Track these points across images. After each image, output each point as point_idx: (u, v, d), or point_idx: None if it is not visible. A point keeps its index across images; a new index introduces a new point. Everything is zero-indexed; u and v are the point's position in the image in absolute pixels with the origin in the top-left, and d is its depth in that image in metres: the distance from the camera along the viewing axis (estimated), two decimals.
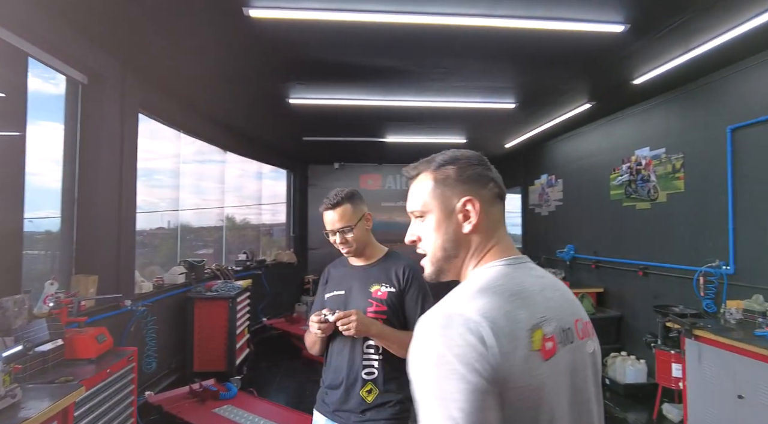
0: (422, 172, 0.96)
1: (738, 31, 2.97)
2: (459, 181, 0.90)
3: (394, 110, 4.99)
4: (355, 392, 1.64)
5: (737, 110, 3.62)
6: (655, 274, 4.53)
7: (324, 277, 1.87)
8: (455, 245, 0.89)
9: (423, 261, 0.95)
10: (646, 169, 4.68)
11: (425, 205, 0.92)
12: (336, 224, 1.72)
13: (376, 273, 1.75)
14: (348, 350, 1.67)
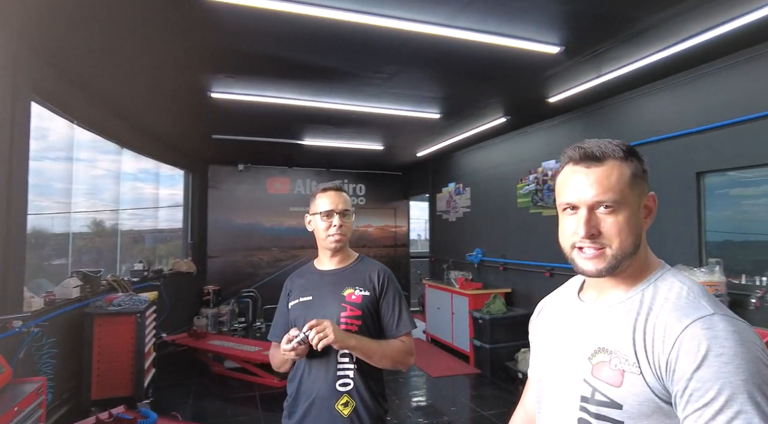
0: (610, 159, 0.87)
1: (642, 63, 3.46)
2: (646, 174, 0.89)
3: (320, 112, 4.87)
4: (329, 406, 1.55)
5: (633, 130, 4.20)
6: (561, 274, 5.04)
7: (286, 288, 1.77)
8: (639, 241, 0.87)
9: (599, 255, 0.86)
10: (552, 180, 5.20)
11: (623, 197, 0.85)
12: (340, 205, 1.67)
13: (349, 277, 1.69)
14: (319, 361, 1.58)
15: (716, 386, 0.68)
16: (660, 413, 0.76)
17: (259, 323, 7.98)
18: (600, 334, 0.86)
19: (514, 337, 5.45)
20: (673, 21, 2.85)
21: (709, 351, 0.70)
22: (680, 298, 0.80)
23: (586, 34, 3.06)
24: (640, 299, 0.84)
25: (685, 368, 0.72)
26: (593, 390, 0.83)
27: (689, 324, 0.74)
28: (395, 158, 7.95)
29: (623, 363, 0.80)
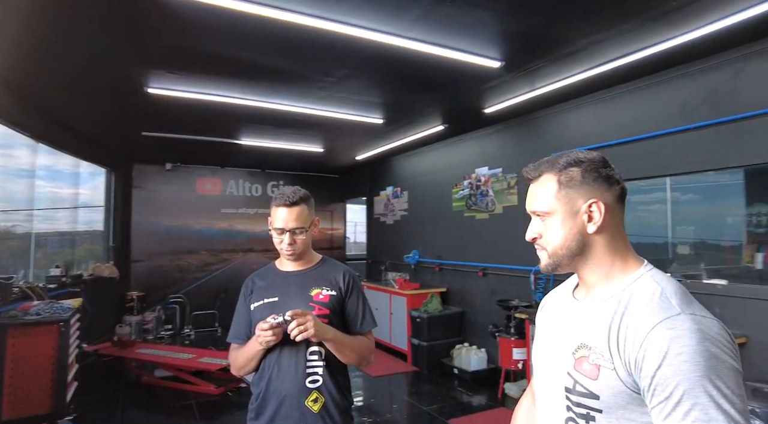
0: (544, 173, 0.99)
1: (570, 80, 3.82)
2: (584, 183, 0.95)
3: (263, 112, 4.79)
4: (299, 402, 1.58)
5: (560, 140, 4.60)
6: (493, 274, 5.37)
7: (247, 288, 1.76)
8: (580, 244, 0.95)
9: (540, 254, 1.01)
10: (485, 185, 5.53)
11: (549, 207, 0.97)
12: (290, 223, 1.65)
13: (314, 277, 1.73)
14: (288, 359, 1.61)
15: (675, 382, 0.76)
16: (634, 403, 0.85)
17: (188, 329, 7.61)
18: (583, 330, 0.94)
19: (450, 334, 5.71)
20: (600, 45, 3.19)
21: (670, 350, 0.78)
22: (652, 299, 0.86)
23: (524, 51, 3.33)
24: (619, 299, 0.91)
25: (649, 367, 0.80)
26: (575, 382, 0.92)
27: (656, 325, 0.81)
28: (334, 161, 7.97)
29: (599, 358, 0.88)
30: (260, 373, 1.65)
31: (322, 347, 1.63)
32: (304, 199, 1.68)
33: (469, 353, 5.27)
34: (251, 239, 8.68)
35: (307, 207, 1.69)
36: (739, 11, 2.69)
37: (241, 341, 1.69)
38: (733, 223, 3.54)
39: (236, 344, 1.71)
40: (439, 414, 4.21)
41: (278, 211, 1.66)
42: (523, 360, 4.33)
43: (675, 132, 3.62)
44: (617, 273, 0.95)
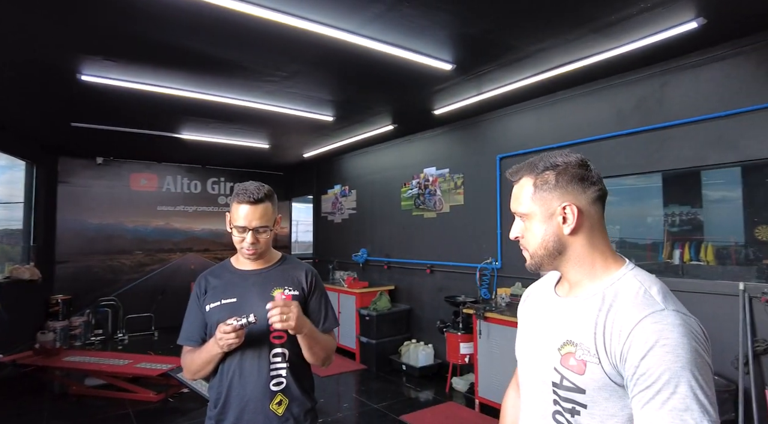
0: (524, 176, 1.03)
1: (515, 85, 3.99)
2: (558, 186, 0.98)
3: (208, 105, 4.59)
4: (263, 407, 1.54)
5: (504, 143, 4.80)
6: (441, 271, 5.50)
7: (199, 287, 1.65)
8: (558, 244, 0.99)
9: (524, 253, 1.05)
10: (433, 185, 5.65)
11: (527, 208, 1.01)
12: (254, 221, 1.56)
13: (276, 276, 1.67)
14: (251, 361, 1.56)
15: (658, 372, 0.81)
16: (616, 396, 0.89)
17: (122, 334, 7.15)
18: (568, 327, 0.98)
19: (398, 331, 5.78)
20: (546, 53, 3.36)
21: (656, 343, 0.82)
22: (637, 296, 0.90)
23: (475, 56, 3.44)
24: (603, 297, 0.94)
25: (635, 357, 0.84)
26: (562, 377, 0.96)
27: (641, 319, 0.86)
28: (279, 158, 7.80)
29: (585, 354, 0.92)
30: (219, 377, 1.59)
31: (286, 348, 1.59)
32: (269, 196, 1.61)
33: (416, 349, 5.36)
34: (190, 238, 8.31)
35: (272, 205, 1.62)
36: (665, 29, 2.93)
37: (194, 343, 1.61)
38: (652, 222, 3.86)
39: (189, 346, 1.62)
40: (389, 411, 4.25)
41: (240, 208, 1.57)
42: (470, 354, 4.47)
43: (609, 137, 3.89)
44: (600, 272, 0.99)
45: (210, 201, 8.54)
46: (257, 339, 1.55)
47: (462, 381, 4.72)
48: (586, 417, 0.92)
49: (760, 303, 3.02)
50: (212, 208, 8.55)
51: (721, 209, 3.46)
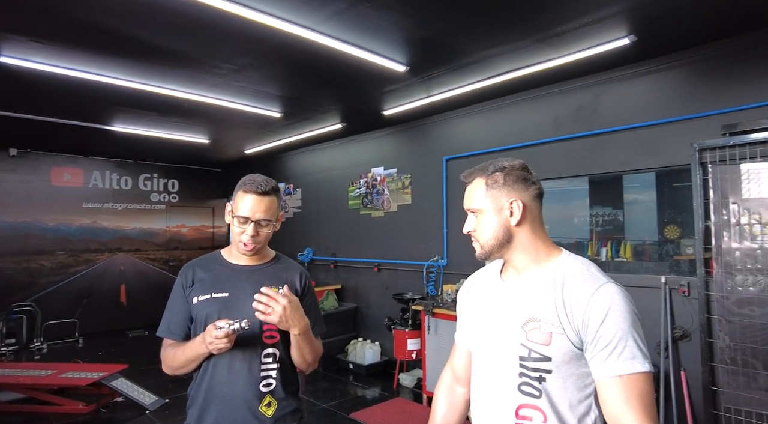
0: (477, 177, 1.19)
1: (463, 89, 4.14)
2: (505, 185, 1.15)
3: (143, 96, 4.31)
4: (252, 408, 1.49)
5: (451, 145, 4.96)
6: (388, 269, 5.57)
7: (185, 278, 1.58)
8: (506, 235, 1.16)
9: (474, 245, 1.19)
10: (381, 185, 5.71)
11: (480, 204, 1.17)
12: (258, 213, 1.51)
13: (269, 275, 1.62)
14: (242, 361, 1.50)
15: (612, 332, 1.02)
16: (575, 358, 1.07)
17: (39, 342, 6.54)
18: (527, 306, 1.13)
19: (345, 330, 5.79)
20: (494, 59, 3.52)
21: (609, 309, 1.03)
22: (583, 275, 1.10)
23: (428, 59, 3.53)
24: (554, 278, 1.12)
25: (595, 323, 1.04)
26: (529, 350, 1.10)
27: (594, 292, 1.06)
28: (219, 153, 7.50)
29: (550, 327, 1.08)
30: (203, 374, 1.52)
31: (278, 348, 1.55)
32: (276, 191, 1.58)
33: (363, 347, 5.39)
34: (120, 238, 7.78)
35: (277, 200, 1.58)
36: (602, 44, 3.19)
37: (176, 336, 1.55)
38: (578, 222, 4.17)
39: (171, 339, 1.56)
40: (339, 409, 4.25)
41: (246, 197, 1.51)
42: (417, 350, 4.58)
43: (549, 142, 4.15)
44: (543, 258, 1.16)
45: (142, 198, 8.04)
46: (249, 338, 1.50)
47: (409, 377, 4.82)
48: (551, 380, 1.08)
49: (678, 294, 3.37)
50: (144, 205, 8.05)
51: (638, 211, 3.80)
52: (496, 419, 1.14)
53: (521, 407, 1.10)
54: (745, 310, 2.99)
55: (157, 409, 4.18)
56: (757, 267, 2.98)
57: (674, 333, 3.36)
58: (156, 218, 8.20)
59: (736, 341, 3.01)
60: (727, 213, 3.12)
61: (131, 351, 6.29)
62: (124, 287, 7.77)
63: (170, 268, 8.25)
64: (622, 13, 2.82)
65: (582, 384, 1.08)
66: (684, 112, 3.39)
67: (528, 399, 1.10)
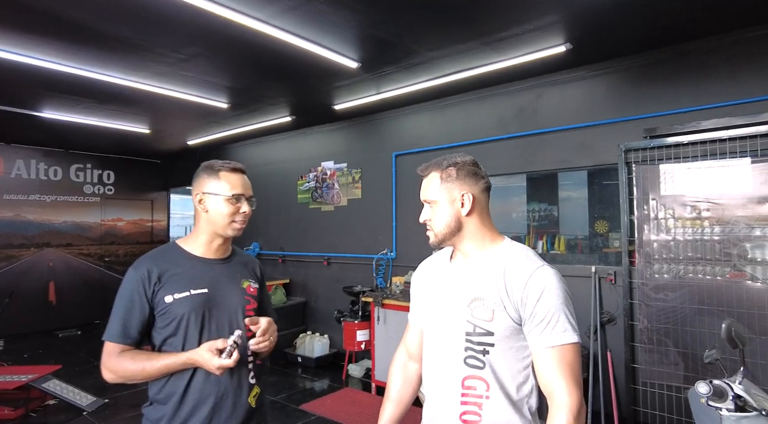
0: (432, 171, 1.31)
1: (411, 88, 4.26)
2: (458, 178, 1.28)
3: (80, 82, 4.08)
4: (242, 400, 1.49)
5: (400, 142, 5.08)
6: (338, 263, 5.63)
7: (149, 274, 1.44)
8: (457, 224, 1.28)
9: (429, 233, 1.31)
10: (331, 179, 5.74)
11: (435, 196, 1.29)
12: (249, 190, 1.54)
13: (238, 268, 1.61)
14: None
15: (546, 309, 1.17)
16: (515, 333, 1.21)
17: None
18: (473, 288, 1.26)
19: (293, 324, 5.79)
20: (442, 60, 3.66)
21: (545, 288, 1.18)
22: (522, 258, 1.24)
23: (379, 56, 3.61)
24: (497, 262, 1.25)
25: (532, 301, 1.18)
26: (474, 326, 1.23)
27: (531, 274, 1.20)
28: (160, 144, 7.19)
29: (493, 305, 1.21)
30: (174, 383, 1.43)
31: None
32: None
33: (312, 340, 5.43)
34: (48, 232, 7.27)
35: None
36: (542, 50, 3.42)
37: (131, 341, 1.41)
38: (516, 217, 4.45)
39: (126, 345, 1.41)
40: (288, 402, 4.27)
41: (234, 176, 1.51)
42: (366, 341, 4.68)
43: (492, 140, 4.37)
44: (488, 244, 1.30)
45: (74, 190, 7.54)
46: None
47: (358, 367, 4.92)
48: (494, 353, 1.21)
49: (606, 282, 3.69)
50: (77, 197, 7.56)
51: (572, 207, 4.12)
52: (445, 390, 1.26)
53: (467, 378, 1.22)
54: (661, 295, 3.35)
55: (96, 410, 4.00)
56: (671, 256, 3.34)
57: (602, 318, 3.69)
58: (90, 211, 7.72)
59: (653, 323, 3.36)
60: (647, 208, 3.46)
61: (63, 352, 5.93)
62: (54, 285, 7.27)
63: (106, 264, 7.81)
64: (560, 22, 3.05)
65: (520, 356, 1.21)
66: (613, 115, 3.71)
67: (473, 371, 1.22)
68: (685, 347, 3.21)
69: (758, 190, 3.03)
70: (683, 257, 3.29)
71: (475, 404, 1.21)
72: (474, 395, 1.21)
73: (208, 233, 1.53)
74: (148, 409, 1.48)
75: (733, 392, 1.47)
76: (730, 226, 3.11)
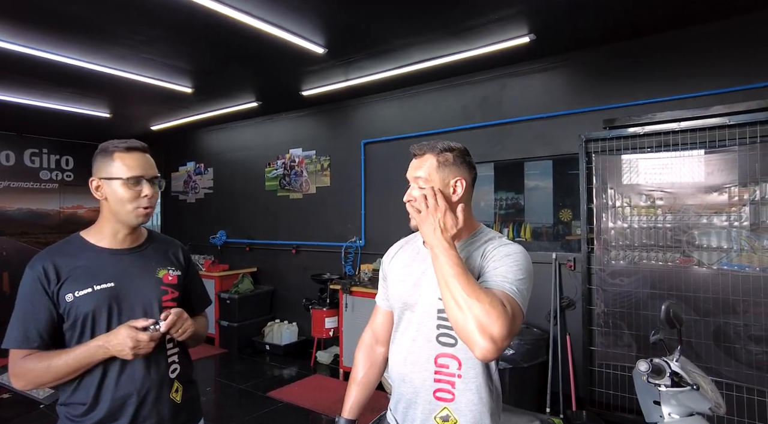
0: (428, 153, 1.30)
1: (380, 75, 4.26)
2: (455, 164, 1.29)
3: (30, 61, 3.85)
4: (164, 396, 1.42)
5: (369, 129, 5.08)
6: (306, 251, 5.61)
7: (47, 272, 1.31)
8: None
9: (413, 215, 1.27)
10: (300, 166, 5.69)
11: (430, 177, 1.28)
12: (150, 170, 1.39)
13: (154, 255, 1.49)
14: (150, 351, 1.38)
15: (506, 267, 1.18)
16: None
17: None
18: None
19: (261, 312, 5.75)
20: (410, 48, 3.67)
21: (508, 255, 1.21)
22: (495, 239, 1.30)
23: (347, 43, 3.59)
24: (476, 246, 1.30)
25: (494, 261, 1.21)
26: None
27: (502, 245, 1.26)
28: (122, 129, 6.93)
29: None
30: (98, 374, 1.34)
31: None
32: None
33: (281, 328, 5.42)
34: (1, 220, 6.94)
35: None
36: (507, 40, 3.47)
37: (37, 345, 1.29)
38: (484, 206, 4.53)
39: (30, 349, 1.29)
40: (255, 389, 4.26)
41: (130, 156, 1.36)
42: (334, 328, 4.71)
43: (458, 130, 4.41)
44: (465, 231, 1.32)
45: (29, 176, 7.20)
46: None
47: (326, 354, 4.95)
48: None
49: (566, 269, 3.82)
50: (32, 184, 7.23)
51: (538, 196, 4.22)
52: (417, 370, 1.28)
53: (439, 356, 1.25)
54: (617, 280, 3.50)
55: (53, 403, 3.90)
56: (627, 243, 3.48)
57: (562, 303, 3.82)
58: (47, 198, 7.40)
59: (609, 307, 3.51)
60: (606, 197, 3.59)
61: None
62: (7, 275, 6.98)
63: None
64: (524, 13, 3.09)
65: None
66: (574, 106, 3.81)
67: (445, 348, 1.25)
68: (638, 330, 3.37)
69: (707, 180, 3.19)
70: (638, 244, 3.44)
71: (448, 383, 1.24)
72: (447, 374, 1.24)
73: (112, 222, 1.40)
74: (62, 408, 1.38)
75: (670, 370, 1.57)
76: (681, 214, 3.27)
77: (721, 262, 3.12)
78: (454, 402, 1.23)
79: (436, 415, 1.24)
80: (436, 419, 1.24)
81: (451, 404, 1.23)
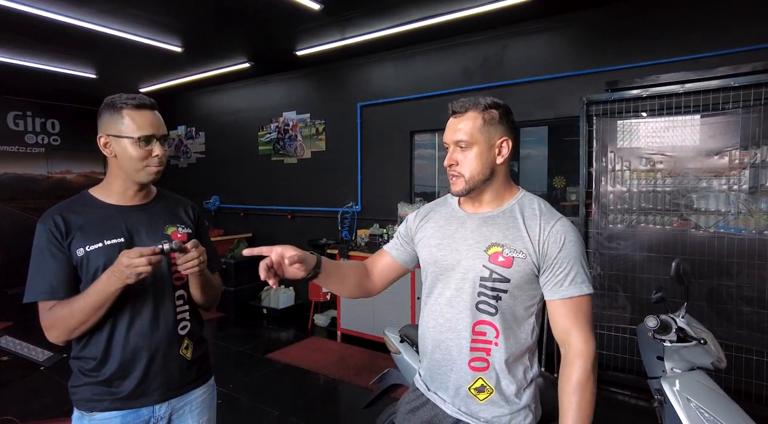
0: (470, 110, 1.21)
1: (377, 34, 4.12)
2: (501, 123, 1.21)
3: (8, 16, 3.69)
4: (174, 353, 1.42)
5: (365, 92, 4.95)
6: (302, 216, 5.58)
7: (57, 228, 1.30)
8: (490, 171, 1.23)
9: (456, 180, 1.23)
10: (293, 130, 5.58)
11: (473, 138, 1.20)
12: (161, 128, 1.37)
13: (163, 213, 1.48)
14: (154, 306, 1.39)
15: (567, 260, 1.17)
16: (530, 282, 1.21)
17: None
18: (491, 233, 1.23)
19: (258, 277, 5.69)
20: (408, 5, 3.53)
21: (565, 241, 1.17)
22: (541, 209, 1.23)
23: None
24: (514, 210, 1.24)
25: (553, 252, 1.18)
26: (491, 271, 1.20)
27: (554, 224, 1.19)
28: (109, 91, 6.47)
29: (512, 252, 1.19)
30: (107, 329, 1.34)
31: (185, 290, 1.49)
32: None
33: (278, 292, 5.45)
34: None
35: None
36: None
37: (61, 295, 1.29)
38: None
39: (54, 300, 1.29)
40: (254, 351, 4.32)
41: (140, 114, 1.31)
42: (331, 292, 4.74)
43: (457, 91, 4.31)
44: (507, 194, 1.27)
45: (13, 139, 7.00)
46: (160, 280, 1.41)
47: (323, 317, 5.01)
48: (505, 299, 1.21)
49: None
50: (17, 147, 7.04)
51: (532, 163, 4.20)
52: (454, 337, 1.25)
53: (477, 324, 1.22)
54: (614, 244, 3.52)
55: (54, 365, 3.93)
56: (625, 207, 3.49)
57: None
58: (34, 162, 7.22)
59: (605, 270, 3.55)
60: (605, 161, 3.56)
61: (14, 310, 5.70)
62: None
63: None
64: None
65: (528, 304, 1.23)
66: (576, 68, 3.73)
67: (484, 316, 1.21)
68: (633, 292, 3.43)
69: (708, 143, 3.17)
70: (636, 208, 3.44)
71: (483, 350, 1.22)
72: (483, 341, 1.22)
73: (121, 179, 1.39)
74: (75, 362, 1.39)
75: (677, 325, 1.59)
76: (680, 178, 3.26)
77: (717, 225, 3.14)
78: (488, 371, 1.22)
79: (470, 386, 1.23)
80: (471, 390, 1.23)
81: (486, 374, 1.22)
